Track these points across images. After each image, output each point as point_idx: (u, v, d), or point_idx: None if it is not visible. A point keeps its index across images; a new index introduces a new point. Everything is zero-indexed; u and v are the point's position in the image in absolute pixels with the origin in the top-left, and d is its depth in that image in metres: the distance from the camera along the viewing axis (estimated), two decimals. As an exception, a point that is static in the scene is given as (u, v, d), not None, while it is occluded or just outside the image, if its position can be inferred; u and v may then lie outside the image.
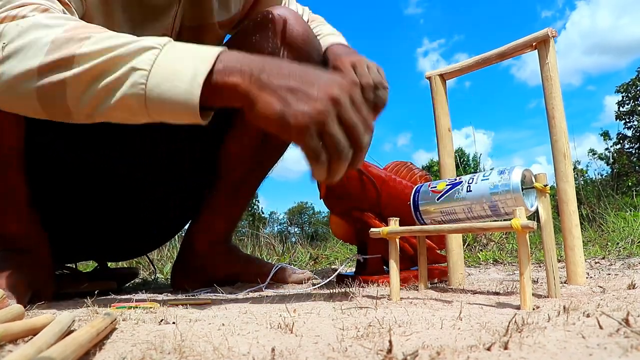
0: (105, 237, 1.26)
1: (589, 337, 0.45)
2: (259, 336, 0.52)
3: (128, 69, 0.65)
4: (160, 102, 0.65)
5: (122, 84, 0.65)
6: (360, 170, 1.04)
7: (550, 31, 0.95)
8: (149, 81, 0.64)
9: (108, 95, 0.66)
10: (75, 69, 0.66)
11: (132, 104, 0.65)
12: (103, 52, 0.66)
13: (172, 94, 0.64)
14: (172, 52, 0.66)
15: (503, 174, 0.75)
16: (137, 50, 0.65)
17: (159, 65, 0.65)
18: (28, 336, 0.50)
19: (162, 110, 0.66)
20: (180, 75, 0.64)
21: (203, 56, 0.66)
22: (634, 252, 1.66)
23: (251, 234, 2.97)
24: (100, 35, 0.68)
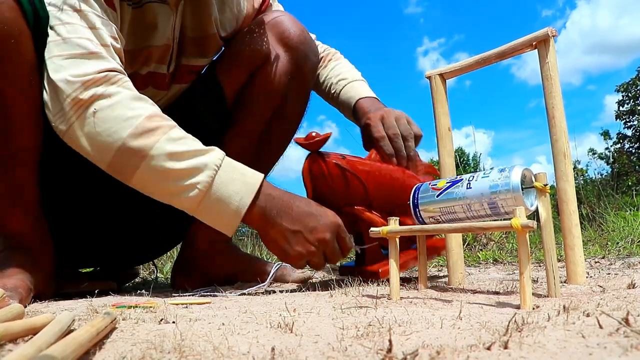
0: (111, 243, 1.26)
1: (588, 336, 0.45)
2: (259, 335, 0.52)
3: (189, 184, 0.85)
4: (207, 216, 0.89)
5: (181, 193, 0.86)
6: (343, 168, 1.03)
7: (550, 30, 0.95)
8: (204, 201, 0.86)
9: (166, 194, 0.88)
10: (149, 161, 0.84)
11: (183, 207, 0.88)
12: (176, 156, 0.84)
13: (218, 216, 0.88)
14: (225, 176, 0.87)
15: (503, 172, 0.75)
16: (200, 167, 0.85)
17: (213, 189, 0.86)
18: (28, 335, 0.50)
19: (206, 220, 0.89)
20: (228, 203, 0.87)
21: (249, 188, 0.88)
22: (633, 252, 1.66)
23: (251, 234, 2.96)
24: (173, 133, 0.86)
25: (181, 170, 0.84)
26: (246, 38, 1.19)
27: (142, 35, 1.02)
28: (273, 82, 1.16)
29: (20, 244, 0.96)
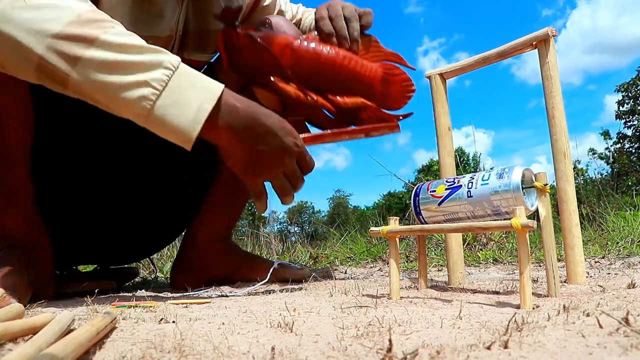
0: (110, 242, 1.26)
1: (588, 336, 0.45)
2: (259, 335, 0.52)
3: (142, 80, 0.71)
4: (161, 123, 0.73)
5: (131, 90, 0.71)
6: (254, 39, 1.01)
7: (550, 30, 0.95)
8: (157, 101, 0.71)
9: (114, 91, 0.71)
10: (93, 50, 0.70)
11: (134, 110, 0.72)
12: (125, 48, 0.71)
13: (175, 121, 0.72)
14: (182, 78, 0.73)
15: (503, 174, 0.75)
16: (154, 63, 0.72)
17: (169, 89, 0.72)
18: (28, 335, 0.50)
19: (159, 129, 0.74)
20: (186, 106, 0.73)
21: (208, 94, 0.74)
22: (633, 252, 1.66)
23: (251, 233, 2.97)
24: (122, 29, 0.73)
25: (133, 63, 0.71)
26: None
27: (146, 24, 1.01)
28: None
29: (17, 243, 0.96)
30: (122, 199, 1.19)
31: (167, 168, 1.21)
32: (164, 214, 1.27)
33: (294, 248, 2.41)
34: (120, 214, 1.22)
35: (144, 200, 1.22)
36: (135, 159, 1.15)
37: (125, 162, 1.14)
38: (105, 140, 1.09)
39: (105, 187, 1.15)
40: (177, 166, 1.21)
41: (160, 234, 1.33)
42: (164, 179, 1.22)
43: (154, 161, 1.18)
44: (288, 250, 2.37)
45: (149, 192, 1.21)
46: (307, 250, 2.28)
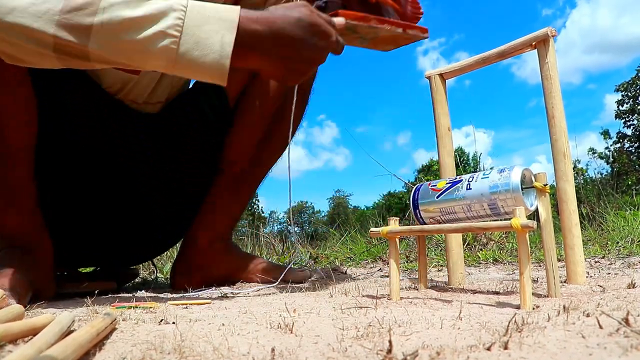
0: (111, 243, 1.26)
1: (588, 336, 0.45)
2: (259, 336, 0.53)
3: (157, 31, 0.70)
4: (189, 67, 0.73)
5: (151, 44, 0.70)
6: None
7: (549, 30, 0.95)
8: (180, 49, 0.71)
9: (134, 52, 0.71)
10: (100, 15, 0.68)
11: (159, 64, 0.72)
12: (131, 3, 0.69)
13: (202, 62, 0.72)
14: (196, 16, 0.72)
15: (503, 173, 0.75)
16: (163, 10, 0.70)
17: (187, 32, 0.71)
18: (28, 336, 0.50)
19: (190, 74, 0.75)
20: (209, 44, 0.72)
21: (227, 24, 0.73)
22: (633, 251, 1.66)
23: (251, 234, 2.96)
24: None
25: (143, 17, 0.70)
26: None
27: None
28: (275, 83, 1.16)
29: (18, 243, 0.96)
30: (122, 199, 1.19)
31: (167, 168, 1.21)
32: (164, 214, 1.27)
33: (294, 248, 2.41)
34: (120, 214, 1.22)
35: (144, 200, 1.22)
36: (135, 159, 1.15)
37: (125, 162, 1.14)
38: (105, 140, 1.09)
39: (105, 186, 1.15)
40: (177, 166, 1.21)
41: (161, 234, 1.33)
42: (163, 179, 1.22)
43: (154, 161, 1.18)
44: (288, 251, 2.37)
45: (149, 192, 1.21)
46: (307, 251, 2.28)
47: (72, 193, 1.13)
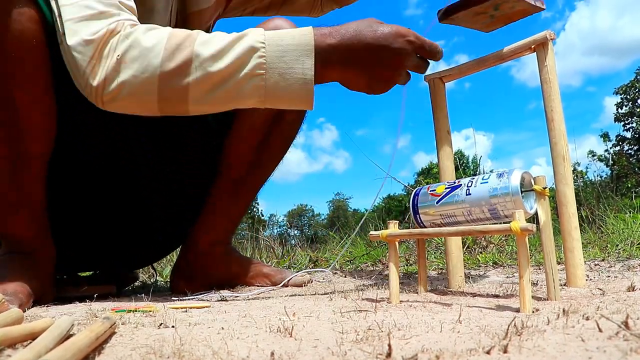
0: (113, 245, 1.26)
1: (588, 340, 0.45)
2: (258, 340, 0.52)
3: (245, 75, 0.78)
4: (279, 100, 0.81)
5: (242, 88, 0.79)
6: None
7: (548, 34, 0.95)
8: (267, 85, 0.79)
9: (230, 98, 0.80)
10: (194, 74, 0.78)
11: (252, 102, 0.81)
12: (216, 57, 0.78)
13: (290, 91, 0.80)
14: (275, 49, 0.79)
15: (502, 177, 0.75)
16: (246, 53, 0.78)
17: (270, 67, 0.78)
18: (27, 340, 0.50)
19: (280, 105, 0.82)
20: (292, 73, 0.79)
21: (304, 49, 0.80)
22: (633, 254, 1.66)
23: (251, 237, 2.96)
24: (201, 37, 0.80)
25: (230, 65, 0.78)
26: None
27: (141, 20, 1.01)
28: None
29: (23, 249, 0.96)
30: (123, 200, 1.19)
31: (168, 169, 1.21)
32: (165, 215, 1.27)
33: (293, 251, 2.41)
34: (122, 216, 1.22)
35: (145, 202, 1.22)
36: (136, 161, 1.15)
37: (127, 164, 1.14)
38: (107, 142, 1.09)
39: (107, 188, 1.15)
40: (177, 167, 1.21)
41: (162, 236, 1.33)
42: (164, 181, 1.22)
43: (155, 163, 1.18)
44: (288, 254, 2.37)
45: (150, 193, 1.21)
46: (307, 254, 2.28)
47: (74, 195, 1.13)
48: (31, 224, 0.96)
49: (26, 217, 0.95)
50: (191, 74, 0.78)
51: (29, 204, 0.94)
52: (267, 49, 0.79)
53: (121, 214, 1.21)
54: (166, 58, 0.78)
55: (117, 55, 0.78)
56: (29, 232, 0.96)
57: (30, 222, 0.95)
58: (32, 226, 0.96)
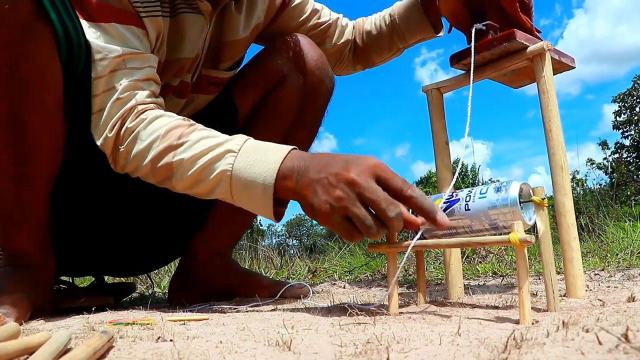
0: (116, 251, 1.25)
1: (588, 353, 0.45)
2: (257, 354, 0.52)
3: (217, 175, 0.81)
4: (243, 202, 0.83)
5: (215, 187, 0.82)
6: None
7: (545, 44, 0.96)
8: (233, 188, 0.81)
9: (204, 193, 0.85)
10: (176, 175, 0.84)
11: (224, 198, 0.84)
12: (195, 161, 0.82)
13: (251, 202, 0.81)
14: (245, 159, 0.80)
15: (500, 190, 0.75)
16: (220, 155, 0.81)
17: (237, 173, 0.80)
18: (24, 355, 0.49)
19: (246, 205, 0.83)
20: (254, 187, 0.79)
21: (270, 166, 0.79)
22: (633, 264, 1.66)
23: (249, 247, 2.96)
24: (189, 140, 0.84)
25: (204, 168, 0.82)
26: (263, 58, 1.20)
27: (174, 47, 1.02)
28: (286, 103, 1.17)
29: (24, 262, 0.96)
30: (129, 209, 1.19)
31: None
32: (167, 224, 1.27)
33: (292, 262, 2.41)
34: (127, 223, 1.22)
35: (151, 210, 1.22)
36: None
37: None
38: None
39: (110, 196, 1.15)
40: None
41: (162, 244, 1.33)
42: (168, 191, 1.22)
43: None
44: (287, 264, 2.37)
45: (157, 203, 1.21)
46: (306, 264, 2.28)
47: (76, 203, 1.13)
48: (33, 239, 0.96)
49: (28, 233, 0.95)
50: (174, 173, 0.85)
51: (31, 220, 0.94)
52: (237, 158, 0.81)
53: (127, 221, 1.21)
54: (155, 159, 0.85)
55: (121, 148, 0.88)
56: (30, 247, 0.96)
57: (32, 237, 0.95)
58: (34, 241, 0.96)
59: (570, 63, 1.06)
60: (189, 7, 1.01)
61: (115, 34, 0.88)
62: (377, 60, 1.39)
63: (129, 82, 0.88)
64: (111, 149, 0.88)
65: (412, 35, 1.29)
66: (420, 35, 1.28)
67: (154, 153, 0.85)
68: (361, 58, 1.40)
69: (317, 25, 1.30)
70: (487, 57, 1.02)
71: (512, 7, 1.01)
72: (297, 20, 1.26)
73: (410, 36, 1.29)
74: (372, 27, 1.35)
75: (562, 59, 1.03)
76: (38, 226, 0.96)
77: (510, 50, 1.00)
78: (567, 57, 1.05)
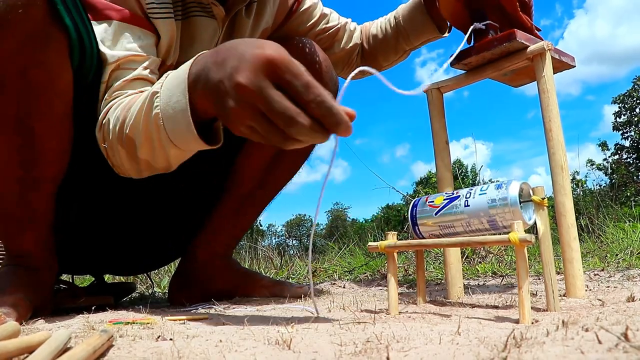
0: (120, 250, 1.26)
1: (587, 352, 0.45)
2: (257, 353, 0.52)
3: (154, 128, 0.75)
4: (180, 142, 0.73)
5: (160, 146, 0.76)
6: None
7: (546, 44, 0.96)
8: (169, 133, 0.73)
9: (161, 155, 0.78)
10: (137, 145, 0.79)
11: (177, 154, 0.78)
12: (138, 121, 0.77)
13: (182, 136, 0.72)
14: (166, 92, 0.73)
15: (500, 188, 0.75)
16: (149, 103, 0.75)
17: (164, 110, 0.73)
18: (24, 354, 0.49)
19: (183, 144, 0.74)
20: (178, 118, 0.71)
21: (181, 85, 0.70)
22: (633, 264, 1.66)
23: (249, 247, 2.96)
24: (134, 104, 0.80)
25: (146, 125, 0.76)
26: None
27: (185, 49, 1.03)
28: None
29: (26, 263, 0.96)
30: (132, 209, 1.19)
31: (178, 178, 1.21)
32: (169, 225, 1.27)
33: (292, 262, 2.41)
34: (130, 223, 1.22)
35: (154, 210, 1.22)
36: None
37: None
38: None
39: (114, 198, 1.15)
40: (187, 181, 1.21)
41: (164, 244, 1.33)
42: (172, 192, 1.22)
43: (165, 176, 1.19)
44: (286, 264, 2.37)
45: (160, 203, 1.21)
46: (306, 264, 2.28)
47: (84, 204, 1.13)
48: (37, 241, 0.96)
49: (32, 234, 0.95)
50: (137, 149, 0.80)
51: (36, 222, 0.94)
52: (161, 95, 0.73)
53: (126, 221, 1.21)
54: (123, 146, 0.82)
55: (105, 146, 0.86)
56: (34, 248, 0.96)
57: (36, 239, 0.96)
58: (38, 243, 0.96)
59: (571, 62, 1.06)
60: (202, 11, 1.02)
61: (115, 35, 0.89)
62: (384, 63, 1.39)
63: (118, 83, 0.88)
64: (104, 152, 0.87)
65: (416, 36, 1.29)
66: (425, 36, 1.28)
67: (117, 135, 0.81)
68: (368, 62, 1.41)
69: (325, 30, 1.30)
70: (488, 57, 1.02)
71: (512, 7, 1.01)
72: (306, 25, 1.27)
73: (415, 37, 1.29)
74: (377, 30, 1.36)
75: (562, 57, 1.03)
76: (42, 228, 0.96)
77: (510, 50, 1.00)
78: (567, 56, 1.05)
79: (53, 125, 0.88)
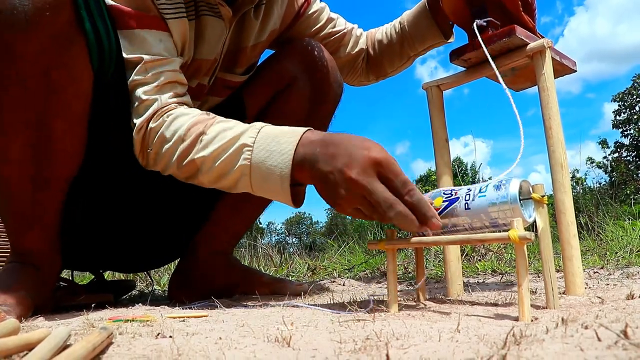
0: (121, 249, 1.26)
1: (587, 349, 0.45)
2: (256, 350, 0.52)
3: (237, 170, 0.84)
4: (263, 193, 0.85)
5: (237, 181, 0.86)
6: None
7: (546, 42, 0.96)
8: (253, 181, 0.84)
9: (227, 187, 0.88)
10: (201, 172, 0.88)
11: (245, 190, 0.87)
12: (215, 158, 0.85)
13: (271, 192, 0.84)
14: (261, 152, 0.82)
15: (500, 187, 0.75)
16: (237, 151, 0.84)
17: (256, 167, 0.82)
18: (23, 351, 0.49)
19: (266, 195, 0.85)
20: (272, 179, 0.82)
21: (285, 157, 0.81)
22: (632, 262, 1.66)
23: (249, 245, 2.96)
24: (208, 136, 0.86)
25: (225, 165, 0.85)
26: (274, 60, 1.21)
27: (197, 48, 1.04)
28: (294, 107, 1.18)
29: (31, 261, 0.96)
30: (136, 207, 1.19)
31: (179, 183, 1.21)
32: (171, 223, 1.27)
33: (292, 260, 2.41)
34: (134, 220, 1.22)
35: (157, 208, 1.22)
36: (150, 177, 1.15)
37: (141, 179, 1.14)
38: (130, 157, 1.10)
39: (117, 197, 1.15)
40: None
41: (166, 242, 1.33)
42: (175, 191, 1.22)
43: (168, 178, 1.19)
44: (286, 262, 2.37)
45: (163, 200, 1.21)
46: (305, 262, 2.28)
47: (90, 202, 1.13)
48: (43, 239, 0.96)
49: (40, 233, 0.95)
50: (199, 171, 0.88)
51: (44, 221, 0.94)
52: (254, 152, 0.83)
53: (129, 219, 1.21)
54: (179, 159, 0.89)
55: (149, 150, 0.92)
56: (40, 247, 0.96)
57: (43, 238, 0.96)
58: (44, 241, 0.96)
59: (572, 66, 1.06)
60: (210, 11, 1.04)
61: (137, 40, 0.91)
62: (389, 69, 1.40)
63: (151, 87, 0.91)
64: (139, 150, 0.93)
65: (421, 41, 1.29)
66: (430, 41, 1.29)
67: (178, 153, 0.88)
68: (374, 68, 1.41)
69: (331, 34, 1.32)
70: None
71: (514, 6, 1.01)
72: (313, 28, 1.28)
73: (420, 43, 1.30)
74: (383, 36, 1.36)
75: (564, 60, 1.03)
76: (50, 227, 0.96)
77: (510, 47, 0.99)
78: (568, 60, 1.05)
79: (71, 125, 0.89)
